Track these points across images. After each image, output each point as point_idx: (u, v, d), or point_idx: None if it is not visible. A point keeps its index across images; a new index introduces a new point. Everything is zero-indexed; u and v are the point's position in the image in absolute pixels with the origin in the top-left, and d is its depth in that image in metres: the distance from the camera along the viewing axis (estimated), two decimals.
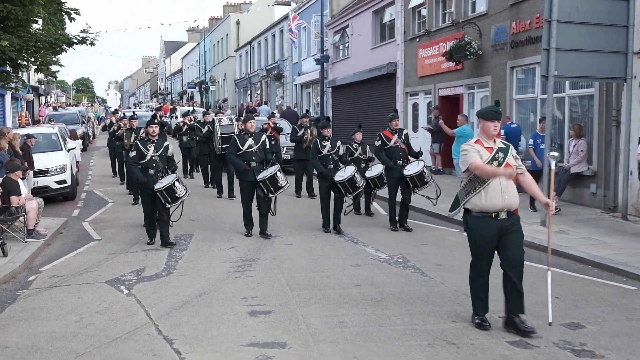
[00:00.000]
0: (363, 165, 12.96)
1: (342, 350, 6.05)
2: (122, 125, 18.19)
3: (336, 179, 11.51)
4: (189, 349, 6.12)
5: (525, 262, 6.60)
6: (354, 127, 14.30)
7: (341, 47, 30.99)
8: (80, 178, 19.64)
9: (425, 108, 22.18)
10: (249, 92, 48.38)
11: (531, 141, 13.17)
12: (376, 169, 12.55)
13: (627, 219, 12.21)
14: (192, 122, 19.91)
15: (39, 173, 15.13)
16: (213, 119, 17.49)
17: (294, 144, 16.79)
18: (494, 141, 6.53)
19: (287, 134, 18.17)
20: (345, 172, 11.62)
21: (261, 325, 6.78)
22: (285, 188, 11.13)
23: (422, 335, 6.42)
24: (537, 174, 11.80)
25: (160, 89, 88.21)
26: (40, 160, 15.25)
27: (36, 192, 14.13)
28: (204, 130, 17.57)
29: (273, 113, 20.93)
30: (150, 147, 10.79)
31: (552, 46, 11.40)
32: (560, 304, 7.41)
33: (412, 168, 11.70)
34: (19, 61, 16.40)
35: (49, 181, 15.47)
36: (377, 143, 11.95)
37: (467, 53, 18.13)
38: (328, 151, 11.97)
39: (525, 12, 16.23)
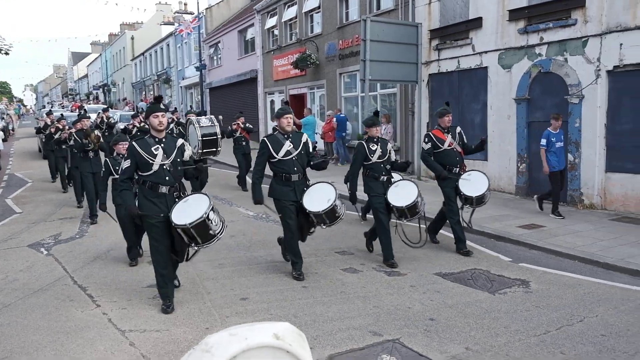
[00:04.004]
0: None
1: (222, 284, 5.98)
2: (61, 126, 11.92)
3: (393, 201, 6.64)
4: (100, 293, 5.77)
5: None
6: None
7: (215, 57, 30.13)
8: (2, 163, 17.76)
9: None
10: (143, 92, 45.97)
11: (543, 141, 8.85)
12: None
13: (420, 179, 13.01)
14: (142, 125, 13.09)
15: None
16: (189, 119, 10.23)
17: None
18: None
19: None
20: (404, 192, 6.73)
21: None
22: (342, 217, 6.17)
23: (280, 270, 6.47)
24: (555, 175, 8.91)
25: (69, 90, 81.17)
26: None
27: None
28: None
29: (241, 112, 13.31)
30: (157, 150, 5.15)
31: (367, 58, 11.77)
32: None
33: (473, 187, 7.07)
34: None
35: None
36: (427, 146, 7.26)
37: (308, 63, 18.31)
38: (379, 158, 6.76)
39: (348, 33, 16.61)
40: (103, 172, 7.37)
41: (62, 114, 14.54)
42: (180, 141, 5.38)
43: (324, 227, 6.12)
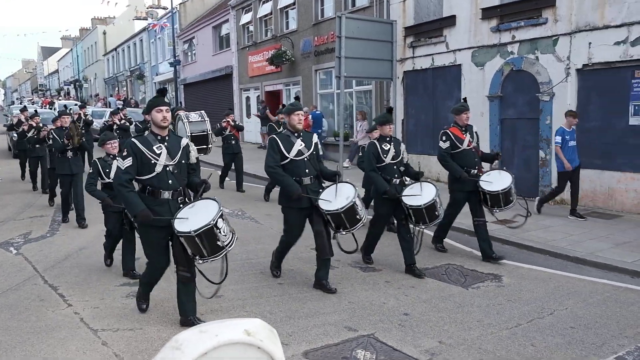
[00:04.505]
0: None
1: (196, 282, 5.89)
2: (35, 124, 11.58)
3: (408, 200, 6.06)
4: (72, 292, 5.67)
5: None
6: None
7: (189, 53, 29.82)
8: None
9: (255, 100, 22.09)
10: (116, 88, 45.25)
11: (558, 138, 8.57)
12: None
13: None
14: (123, 122, 12.85)
15: None
16: (178, 115, 10.06)
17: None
18: None
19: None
20: (420, 193, 6.09)
21: None
22: (363, 221, 5.58)
23: (255, 266, 6.46)
24: (564, 175, 8.72)
25: (39, 85, 79.23)
26: None
27: None
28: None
29: (230, 109, 12.77)
30: (159, 149, 4.54)
31: (342, 55, 11.74)
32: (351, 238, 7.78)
33: (495, 181, 6.51)
34: None
35: None
36: (445, 145, 6.62)
37: (284, 59, 18.28)
38: (392, 159, 6.22)
39: (324, 30, 16.62)
40: (89, 173, 6.56)
41: (35, 110, 13.57)
42: (184, 141, 4.76)
43: (344, 232, 5.53)
